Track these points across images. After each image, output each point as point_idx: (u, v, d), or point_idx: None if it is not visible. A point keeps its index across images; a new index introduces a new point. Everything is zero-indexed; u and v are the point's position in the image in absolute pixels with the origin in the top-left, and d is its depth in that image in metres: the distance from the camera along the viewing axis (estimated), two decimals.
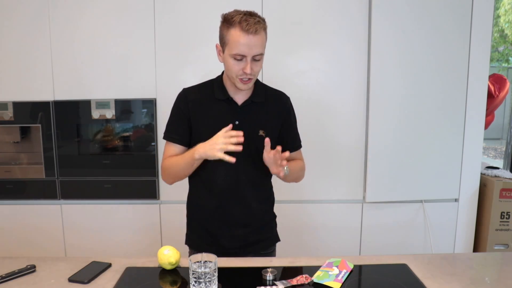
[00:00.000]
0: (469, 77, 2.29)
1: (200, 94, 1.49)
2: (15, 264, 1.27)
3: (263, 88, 1.53)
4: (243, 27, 1.30)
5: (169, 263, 1.26)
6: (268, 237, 1.60)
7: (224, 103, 1.46)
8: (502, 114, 5.76)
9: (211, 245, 1.49)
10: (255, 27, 1.30)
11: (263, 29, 1.34)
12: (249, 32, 1.30)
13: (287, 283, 1.17)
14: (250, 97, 1.47)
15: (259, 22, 1.32)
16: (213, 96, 1.47)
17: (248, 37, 1.30)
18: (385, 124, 2.30)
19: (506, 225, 2.40)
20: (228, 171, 1.46)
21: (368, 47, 2.27)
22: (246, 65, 1.34)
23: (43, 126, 2.34)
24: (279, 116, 1.53)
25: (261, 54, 1.36)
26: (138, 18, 2.27)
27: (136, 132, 2.37)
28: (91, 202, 2.41)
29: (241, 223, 1.51)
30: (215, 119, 1.45)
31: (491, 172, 2.49)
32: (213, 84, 1.50)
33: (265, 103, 1.50)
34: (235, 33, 1.31)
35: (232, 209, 1.49)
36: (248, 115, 1.47)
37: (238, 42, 1.31)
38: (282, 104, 1.55)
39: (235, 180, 1.48)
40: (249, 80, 1.38)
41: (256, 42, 1.32)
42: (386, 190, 2.35)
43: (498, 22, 7.52)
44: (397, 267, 1.30)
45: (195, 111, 1.46)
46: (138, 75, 2.31)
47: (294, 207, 2.39)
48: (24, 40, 2.28)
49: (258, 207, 1.54)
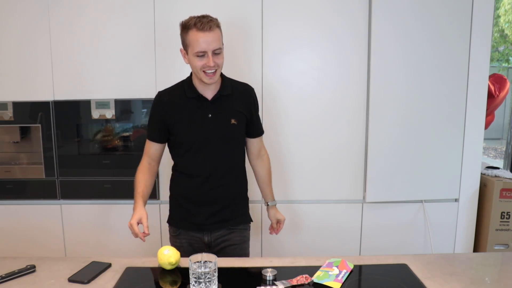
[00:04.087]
0: (469, 77, 2.28)
1: (172, 95, 1.66)
2: (15, 264, 1.27)
3: (229, 82, 1.68)
4: (198, 27, 1.49)
5: (169, 263, 1.26)
6: (240, 214, 1.77)
7: (195, 100, 1.62)
8: (502, 114, 5.76)
9: (186, 220, 1.69)
10: (209, 25, 1.49)
11: (216, 26, 1.52)
12: (204, 29, 1.48)
13: (287, 283, 1.17)
14: (218, 91, 1.63)
15: (212, 20, 1.51)
16: (184, 95, 1.63)
17: (204, 34, 1.49)
18: (385, 124, 2.30)
19: (506, 225, 2.40)
20: (206, 159, 1.64)
21: (368, 47, 2.27)
22: (209, 59, 1.51)
23: (43, 126, 2.34)
24: (247, 106, 1.70)
25: (220, 48, 1.53)
26: (138, 18, 2.26)
27: (136, 132, 2.37)
28: (91, 202, 2.41)
29: (218, 203, 1.68)
30: (190, 115, 1.61)
31: (491, 172, 2.48)
32: (183, 85, 1.66)
33: (232, 95, 1.66)
34: (192, 34, 1.50)
35: (210, 192, 1.66)
36: (219, 108, 1.63)
37: (197, 40, 1.50)
38: (248, 95, 1.72)
39: (214, 167, 1.65)
40: (213, 73, 1.54)
41: (213, 38, 1.50)
42: (386, 190, 2.35)
43: (498, 22, 7.52)
44: (397, 267, 1.30)
45: (170, 111, 1.63)
46: (138, 75, 2.31)
47: (294, 207, 2.39)
48: (24, 40, 2.28)
49: (234, 189, 1.73)
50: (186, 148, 1.65)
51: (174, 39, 2.28)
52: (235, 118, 1.65)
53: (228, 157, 1.68)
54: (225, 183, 1.68)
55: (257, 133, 1.79)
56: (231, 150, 1.69)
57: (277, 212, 1.87)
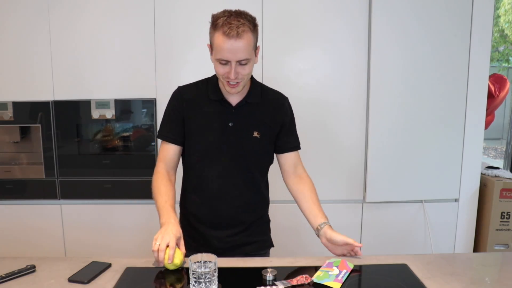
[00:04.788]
0: (469, 77, 2.28)
1: (195, 93, 1.45)
2: (15, 264, 1.27)
3: (259, 88, 1.47)
4: (225, 32, 1.24)
5: (173, 263, 1.25)
6: (260, 239, 1.56)
7: (218, 103, 1.42)
8: (502, 114, 5.77)
9: (201, 245, 1.45)
10: (237, 31, 1.23)
11: (248, 31, 1.26)
12: (231, 36, 1.23)
13: (287, 283, 1.17)
14: (244, 97, 1.43)
15: (243, 24, 1.24)
16: (207, 96, 1.43)
17: (230, 42, 1.24)
18: (385, 124, 2.30)
19: (506, 225, 2.40)
20: (221, 174, 1.43)
21: (368, 47, 2.27)
22: (231, 70, 1.29)
23: (43, 126, 2.34)
24: (276, 119, 1.47)
25: (247, 59, 1.29)
26: (138, 18, 2.27)
27: (136, 132, 2.37)
28: (91, 202, 2.41)
29: (233, 225, 1.47)
30: (208, 120, 1.42)
31: (491, 172, 2.48)
32: (207, 84, 1.46)
33: (261, 104, 1.45)
34: (218, 37, 1.26)
35: (225, 211, 1.46)
36: (242, 117, 1.42)
37: (220, 47, 1.26)
38: (279, 105, 1.49)
39: (229, 183, 1.44)
40: (236, 84, 1.33)
41: (239, 47, 1.25)
42: (386, 190, 2.35)
43: (498, 22, 7.52)
44: (397, 267, 1.30)
45: (189, 110, 1.43)
46: (138, 75, 2.31)
47: (294, 207, 2.38)
48: (24, 40, 2.28)
49: (251, 210, 1.51)
50: (198, 156, 1.45)
51: (174, 39, 2.29)
52: (258, 131, 1.43)
53: (245, 174, 1.45)
54: (241, 203, 1.47)
55: (288, 147, 1.52)
56: (250, 167, 1.45)
57: (338, 233, 1.41)
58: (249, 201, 1.49)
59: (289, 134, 1.52)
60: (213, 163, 1.43)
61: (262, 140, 1.44)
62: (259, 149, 1.45)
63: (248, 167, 1.45)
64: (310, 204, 1.49)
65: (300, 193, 1.52)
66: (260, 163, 1.50)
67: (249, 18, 1.29)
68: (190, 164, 1.48)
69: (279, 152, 1.52)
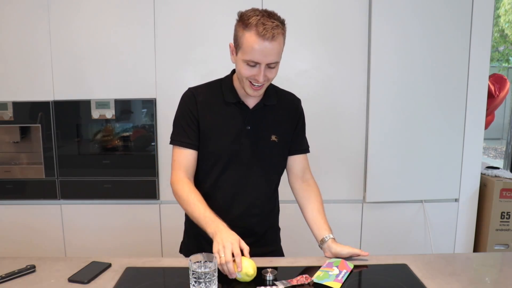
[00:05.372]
0: (469, 77, 2.28)
1: (208, 95, 1.37)
2: (15, 264, 1.26)
3: (274, 89, 1.42)
4: (259, 32, 1.18)
5: (246, 273, 1.15)
6: (271, 250, 1.49)
7: (234, 106, 1.36)
8: (502, 114, 5.77)
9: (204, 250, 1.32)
10: (272, 33, 1.18)
11: (281, 34, 1.22)
12: (265, 38, 1.18)
13: (287, 283, 1.17)
14: (262, 100, 1.37)
15: (277, 26, 1.20)
16: (222, 98, 1.36)
17: (264, 44, 1.19)
18: (385, 124, 2.30)
19: (506, 225, 2.40)
20: (236, 178, 1.36)
21: (368, 47, 2.27)
22: (259, 72, 1.23)
23: (43, 126, 2.34)
24: (291, 121, 1.44)
25: (277, 62, 1.25)
26: (138, 18, 2.27)
27: (136, 132, 2.37)
28: (91, 202, 2.41)
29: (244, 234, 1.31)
30: (225, 123, 1.35)
31: (491, 172, 2.48)
32: (221, 85, 1.38)
33: (277, 106, 1.40)
34: (250, 37, 1.19)
35: (235, 219, 1.34)
36: (260, 120, 1.37)
37: (252, 48, 1.20)
38: (294, 107, 1.47)
39: (242, 190, 1.38)
40: (260, 87, 1.28)
41: (272, 49, 1.21)
42: (386, 190, 2.35)
43: (498, 22, 7.52)
44: (397, 267, 1.30)
45: (204, 114, 1.34)
46: (138, 75, 2.31)
47: (294, 207, 2.38)
48: (24, 40, 2.28)
49: (265, 218, 1.46)
50: (212, 161, 1.36)
51: (174, 39, 2.29)
52: (276, 135, 1.38)
53: (260, 180, 1.39)
54: (257, 212, 1.41)
55: (299, 149, 1.47)
56: (266, 172, 1.40)
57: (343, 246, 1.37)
58: (264, 209, 1.44)
59: (300, 136, 1.48)
60: (228, 167, 1.36)
61: (279, 144, 1.40)
62: (277, 153, 1.41)
63: (263, 172, 1.40)
64: (315, 214, 1.45)
65: (306, 200, 1.48)
66: (277, 168, 1.45)
67: (281, 19, 1.25)
68: (203, 169, 1.39)
69: (290, 154, 1.47)
